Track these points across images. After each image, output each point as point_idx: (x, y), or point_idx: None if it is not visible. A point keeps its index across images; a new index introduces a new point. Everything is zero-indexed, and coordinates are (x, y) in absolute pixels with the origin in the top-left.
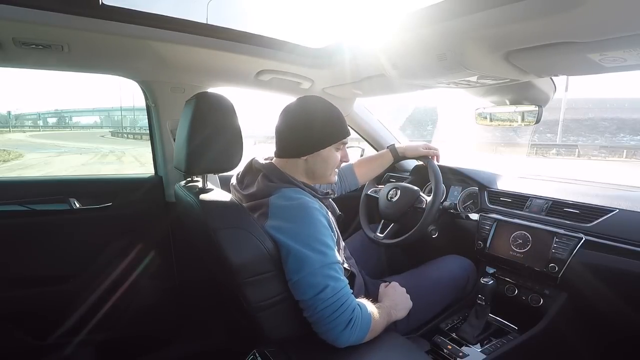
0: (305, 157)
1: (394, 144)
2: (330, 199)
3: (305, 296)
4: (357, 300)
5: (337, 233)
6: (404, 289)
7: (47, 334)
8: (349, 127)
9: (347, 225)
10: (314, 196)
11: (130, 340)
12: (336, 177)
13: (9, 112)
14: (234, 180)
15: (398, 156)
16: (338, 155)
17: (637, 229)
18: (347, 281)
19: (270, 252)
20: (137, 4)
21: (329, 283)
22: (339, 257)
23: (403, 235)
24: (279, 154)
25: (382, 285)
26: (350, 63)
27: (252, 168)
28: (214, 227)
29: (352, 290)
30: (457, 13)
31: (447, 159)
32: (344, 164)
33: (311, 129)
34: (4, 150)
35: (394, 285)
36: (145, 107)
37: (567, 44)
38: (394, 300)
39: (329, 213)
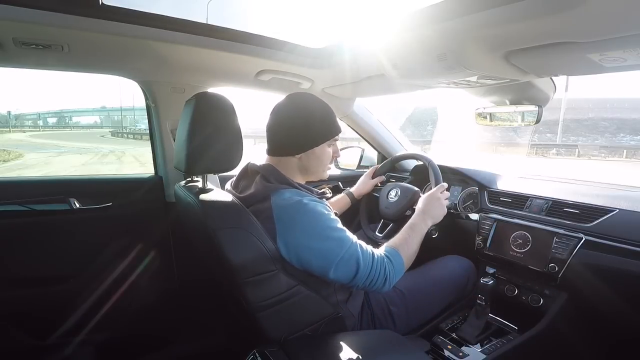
0: (299, 156)
1: (349, 190)
2: (325, 200)
3: (344, 281)
4: (387, 247)
5: None
6: (440, 196)
7: (47, 334)
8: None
9: (347, 225)
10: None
11: (130, 340)
12: (328, 173)
13: (9, 112)
14: (228, 186)
15: (355, 199)
16: (330, 151)
17: (637, 229)
18: (369, 249)
19: (271, 252)
20: (137, 4)
21: (359, 263)
22: (352, 235)
23: None
24: (272, 152)
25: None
26: (350, 63)
27: (248, 172)
28: (213, 227)
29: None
30: (457, 13)
31: (447, 159)
32: None
33: (305, 128)
34: (4, 150)
35: (432, 192)
36: (145, 107)
37: (567, 44)
38: (426, 206)
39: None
